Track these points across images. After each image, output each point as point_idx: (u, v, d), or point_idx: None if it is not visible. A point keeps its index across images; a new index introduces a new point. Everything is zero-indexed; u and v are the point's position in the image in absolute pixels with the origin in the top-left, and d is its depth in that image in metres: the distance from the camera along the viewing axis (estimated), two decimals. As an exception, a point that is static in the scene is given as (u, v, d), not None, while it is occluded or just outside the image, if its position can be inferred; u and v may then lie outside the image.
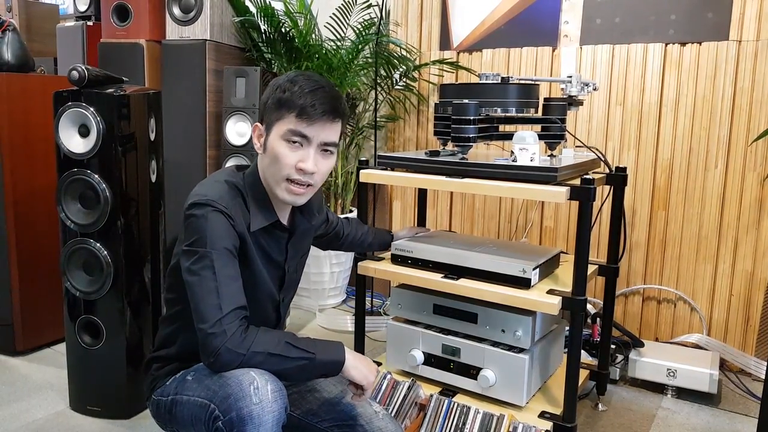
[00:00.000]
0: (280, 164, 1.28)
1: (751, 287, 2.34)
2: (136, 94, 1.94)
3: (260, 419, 1.12)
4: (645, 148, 2.48)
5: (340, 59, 2.92)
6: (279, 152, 1.28)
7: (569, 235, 2.66)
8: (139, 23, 2.90)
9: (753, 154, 2.29)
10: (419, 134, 3.03)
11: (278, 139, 1.29)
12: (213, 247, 1.22)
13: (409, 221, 3.07)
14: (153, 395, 1.38)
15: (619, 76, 2.50)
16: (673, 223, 2.46)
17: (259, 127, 1.34)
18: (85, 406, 2.02)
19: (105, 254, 1.91)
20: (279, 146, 1.28)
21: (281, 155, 1.28)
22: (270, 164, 1.31)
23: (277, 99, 1.28)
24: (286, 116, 1.27)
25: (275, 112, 1.29)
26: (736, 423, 2.04)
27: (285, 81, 1.30)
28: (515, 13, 2.71)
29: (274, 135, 1.29)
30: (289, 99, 1.27)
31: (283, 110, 1.27)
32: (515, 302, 1.65)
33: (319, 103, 1.26)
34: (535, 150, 1.67)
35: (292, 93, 1.27)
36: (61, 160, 1.93)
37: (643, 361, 2.21)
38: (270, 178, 1.32)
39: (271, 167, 1.31)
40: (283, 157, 1.28)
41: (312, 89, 1.27)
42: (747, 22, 2.25)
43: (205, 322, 1.18)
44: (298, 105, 1.26)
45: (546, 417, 1.71)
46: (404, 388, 1.81)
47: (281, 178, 1.30)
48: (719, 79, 2.32)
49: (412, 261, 1.86)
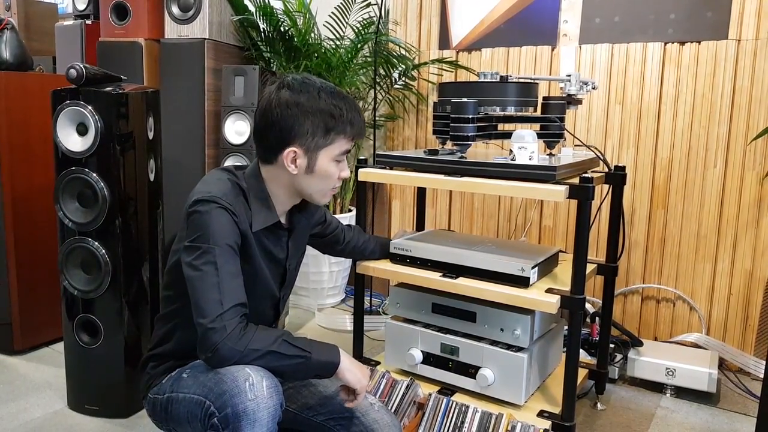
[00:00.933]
0: (331, 180, 1.38)
1: (750, 286, 2.34)
2: (134, 93, 1.94)
3: (255, 415, 1.13)
4: (644, 147, 2.48)
5: (339, 58, 2.92)
6: (331, 172, 1.36)
7: (568, 234, 2.66)
8: (138, 22, 2.89)
9: (752, 153, 2.29)
10: (418, 133, 3.03)
11: (330, 161, 1.35)
12: (216, 243, 1.23)
13: (408, 220, 3.07)
14: (149, 394, 1.38)
15: (619, 75, 2.49)
16: (672, 221, 2.46)
17: (297, 152, 1.32)
18: (83, 405, 2.02)
19: (103, 253, 1.91)
20: (330, 167, 1.36)
21: (333, 174, 1.37)
22: (317, 182, 1.37)
23: (325, 126, 1.32)
24: (337, 141, 1.34)
25: (323, 137, 1.33)
26: (734, 422, 2.04)
27: (330, 105, 1.32)
28: (514, 12, 2.70)
29: (325, 158, 1.35)
30: (339, 126, 1.33)
31: (332, 135, 1.33)
32: (514, 301, 1.65)
33: (363, 123, 1.39)
34: (534, 149, 1.66)
35: (343, 120, 1.33)
36: (59, 158, 1.93)
37: (642, 360, 2.21)
38: (315, 193, 1.39)
39: (318, 184, 1.37)
40: (334, 174, 1.37)
41: (356, 110, 1.36)
42: (746, 20, 2.24)
43: (206, 317, 1.18)
44: (352, 132, 1.36)
45: (545, 416, 1.71)
46: (403, 387, 1.81)
47: (328, 190, 1.39)
48: (718, 77, 2.32)
49: (410, 260, 1.86)
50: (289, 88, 1.31)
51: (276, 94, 1.31)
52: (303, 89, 1.31)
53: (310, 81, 1.33)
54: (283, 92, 1.31)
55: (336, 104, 1.32)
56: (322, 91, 1.32)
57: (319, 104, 1.31)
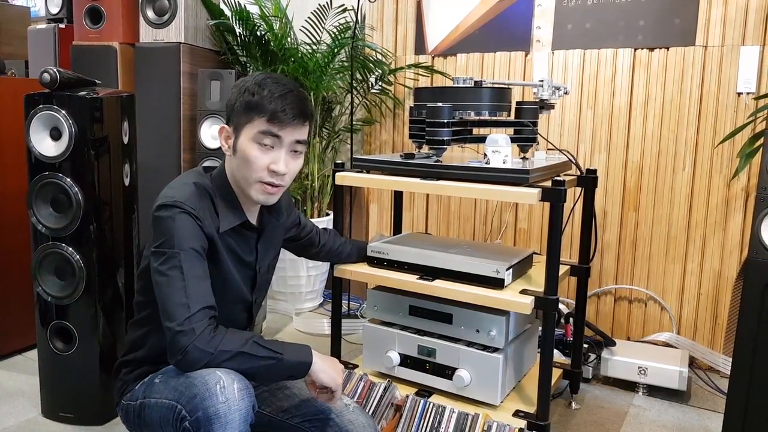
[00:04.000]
0: (253, 166, 1.31)
1: (718, 286, 2.40)
2: (109, 97, 1.93)
3: (227, 417, 1.13)
4: (615, 151, 2.53)
5: (316, 63, 2.93)
6: (250, 154, 1.30)
7: (542, 236, 2.70)
8: (112, 26, 2.87)
9: (719, 156, 2.35)
10: (395, 137, 3.05)
11: (249, 141, 1.30)
12: (181, 247, 1.23)
13: (386, 224, 3.09)
14: (122, 400, 1.37)
15: (590, 81, 2.55)
16: (643, 223, 2.51)
17: (227, 129, 1.35)
18: (57, 412, 1.99)
19: (77, 259, 1.89)
20: (250, 148, 1.30)
21: (253, 157, 1.30)
22: (241, 166, 1.32)
23: (246, 102, 1.30)
24: (256, 120, 1.29)
25: (244, 115, 1.30)
26: (704, 419, 2.09)
27: (253, 84, 1.31)
28: (489, 18, 2.74)
29: (244, 138, 1.31)
30: (258, 103, 1.29)
31: (252, 114, 1.29)
32: (489, 302, 1.68)
33: (289, 108, 1.29)
34: (508, 152, 1.69)
35: (262, 97, 1.29)
36: (32, 163, 1.91)
37: (615, 359, 2.26)
38: (241, 180, 1.34)
39: (242, 169, 1.32)
40: (256, 159, 1.30)
41: (282, 94, 1.29)
42: (712, 27, 2.31)
43: (173, 320, 1.18)
44: (269, 110, 1.28)
45: (520, 416, 1.73)
46: (380, 390, 1.82)
47: (254, 180, 1.32)
48: (686, 83, 2.38)
49: (387, 263, 1.87)
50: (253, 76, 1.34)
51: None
52: (257, 75, 1.34)
53: (271, 73, 1.36)
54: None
55: (263, 85, 1.30)
56: (269, 78, 1.32)
57: (253, 85, 1.31)
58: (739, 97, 2.29)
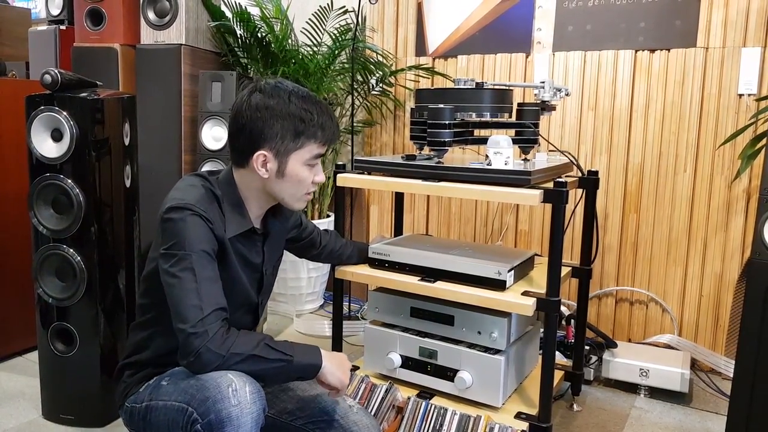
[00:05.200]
0: (303, 185, 1.37)
1: (720, 288, 2.40)
2: (110, 99, 1.93)
3: (239, 420, 1.13)
4: (616, 153, 2.53)
5: (317, 64, 2.93)
6: (303, 176, 1.36)
7: (543, 238, 2.69)
8: (113, 27, 2.87)
9: (720, 158, 2.35)
10: (396, 139, 3.05)
11: (301, 165, 1.35)
12: (192, 249, 1.23)
13: (387, 225, 3.09)
14: (126, 402, 1.36)
15: (591, 82, 2.55)
16: (644, 225, 2.51)
17: (267, 156, 1.32)
18: (58, 414, 1.99)
19: (78, 260, 1.89)
20: (302, 171, 1.35)
21: (305, 178, 1.36)
22: (287, 186, 1.36)
23: (294, 129, 1.32)
24: (308, 145, 1.34)
25: (292, 141, 1.32)
26: (706, 421, 2.09)
27: (300, 109, 1.31)
28: (489, 20, 2.74)
29: (295, 162, 1.34)
30: (310, 130, 1.33)
31: (303, 139, 1.33)
32: (491, 304, 1.68)
33: (336, 128, 1.38)
34: (509, 154, 1.69)
35: (313, 124, 1.33)
36: (33, 165, 1.91)
37: (617, 361, 2.25)
38: (286, 197, 1.38)
39: (289, 189, 1.37)
40: (306, 179, 1.36)
41: (327, 115, 1.36)
42: (713, 29, 2.31)
43: (186, 322, 1.18)
44: (323, 136, 1.35)
45: (522, 417, 1.73)
46: (382, 392, 1.82)
47: (302, 195, 1.39)
48: (687, 85, 2.38)
49: (389, 264, 1.87)
50: (261, 91, 1.32)
51: (248, 97, 1.32)
52: (274, 93, 1.31)
53: (282, 85, 1.33)
54: (255, 96, 1.31)
55: (306, 108, 1.32)
56: (293, 95, 1.32)
57: (289, 108, 1.31)
58: (741, 98, 2.29)
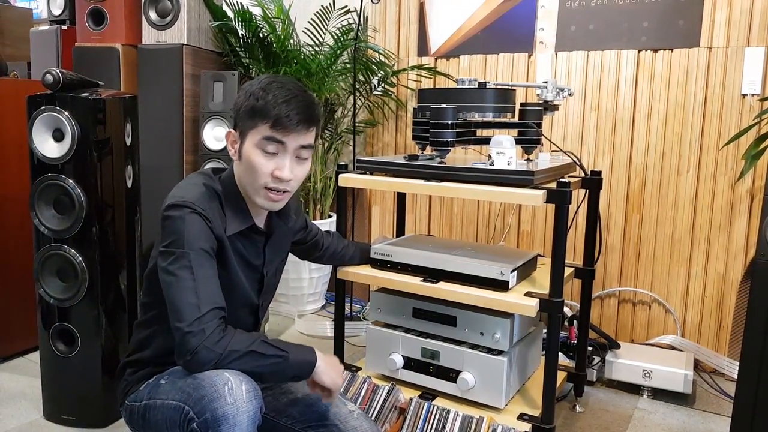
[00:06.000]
0: (257, 173, 1.29)
1: (723, 289, 2.39)
2: (111, 99, 1.92)
3: (235, 419, 1.12)
4: (619, 153, 2.52)
5: (319, 64, 2.92)
6: (255, 161, 1.29)
7: (546, 238, 2.69)
8: (115, 27, 2.87)
9: (724, 158, 2.34)
10: (398, 139, 3.04)
11: (253, 147, 1.29)
12: (191, 247, 1.23)
13: (389, 226, 3.08)
14: (126, 401, 1.37)
15: (594, 82, 2.54)
16: (647, 226, 2.50)
17: (233, 134, 1.34)
18: (59, 415, 1.99)
19: (80, 260, 1.88)
20: (254, 155, 1.29)
21: (257, 164, 1.29)
22: (246, 172, 1.32)
23: (251, 107, 1.28)
24: (260, 125, 1.27)
25: (249, 120, 1.29)
26: (710, 422, 2.08)
27: (258, 89, 1.29)
28: (492, 20, 2.74)
29: (249, 143, 1.30)
30: (263, 108, 1.26)
31: (257, 119, 1.27)
32: (493, 305, 1.67)
33: (293, 113, 1.27)
34: (512, 154, 1.68)
35: (266, 102, 1.26)
36: (34, 165, 1.90)
37: (620, 362, 2.24)
38: (247, 186, 1.33)
39: (247, 175, 1.32)
40: (260, 165, 1.29)
41: (286, 99, 1.27)
42: (717, 29, 2.30)
43: (183, 321, 1.18)
44: (272, 115, 1.26)
45: (525, 419, 1.72)
46: (384, 392, 1.81)
47: (259, 186, 1.31)
48: (690, 85, 2.37)
49: (391, 265, 1.86)
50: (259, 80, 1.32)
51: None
52: (263, 79, 1.32)
53: (277, 76, 1.33)
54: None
55: (268, 90, 1.28)
56: (275, 81, 1.30)
57: (254, 88, 1.29)
58: (744, 98, 2.28)
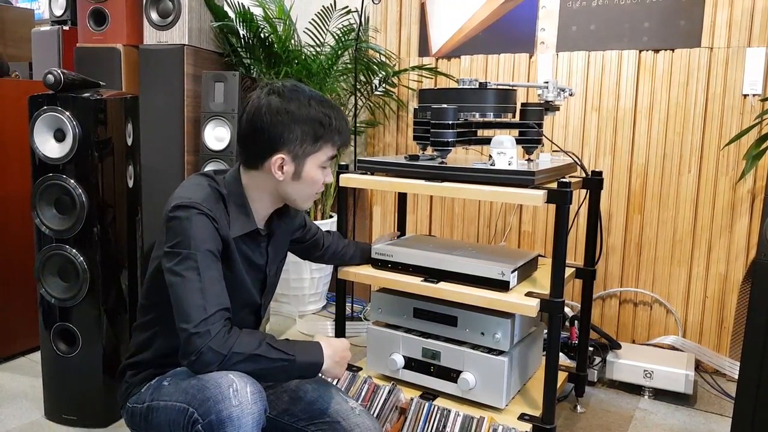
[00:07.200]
0: (314, 186, 1.40)
1: (724, 289, 2.38)
2: (113, 99, 1.93)
3: (240, 421, 1.12)
4: (620, 153, 2.52)
5: (320, 65, 2.93)
6: (317, 178, 1.38)
7: (547, 239, 2.69)
8: (116, 28, 2.87)
9: (725, 159, 2.34)
10: (399, 139, 3.04)
11: (316, 167, 1.37)
12: (197, 248, 1.23)
13: (390, 226, 3.08)
14: (128, 403, 1.36)
15: (595, 83, 2.54)
16: (649, 226, 2.50)
17: (284, 159, 1.33)
18: (60, 415, 1.99)
19: (81, 260, 1.89)
20: (317, 174, 1.38)
21: (317, 179, 1.39)
22: (302, 188, 1.38)
23: (314, 133, 1.34)
24: (324, 148, 1.37)
25: (312, 145, 1.35)
26: (711, 423, 2.08)
27: (320, 113, 1.33)
28: (493, 20, 2.74)
29: (312, 165, 1.36)
30: (329, 134, 1.35)
31: (320, 143, 1.35)
32: (494, 305, 1.67)
33: (347, 131, 1.42)
34: (513, 154, 1.68)
35: (332, 128, 1.35)
36: (36, 165, 1.91)
37: (621, 362, 2.24)
38: (298, 199, 1.40)
39: (304, 190, 1.39)
40: (318, 180, 1.39)
41: (344, 119, 1.39)
42: (718, 29, 2.30)
43: (189, 322, 1.17)
44: (340, 140, 1.39)
45: (525, 419, 1.72)
46: (385, 393, 1.81)
47: (311, 196, 1.42)
48: (692, 85, 2.37)
49: (392, 265, 1.86)
50: (279, 95, 1.31)
51: (265, 99, 1.31)
52: (293, 96, 1.32)
53: (300, 88, 1.34)
54: (273, 98, 1.31)
55: (326, 113, 1.34)
56: (312, 99, 1.34)
57: (309, 112, 1.32)
58: (745, 98, 2.28)
